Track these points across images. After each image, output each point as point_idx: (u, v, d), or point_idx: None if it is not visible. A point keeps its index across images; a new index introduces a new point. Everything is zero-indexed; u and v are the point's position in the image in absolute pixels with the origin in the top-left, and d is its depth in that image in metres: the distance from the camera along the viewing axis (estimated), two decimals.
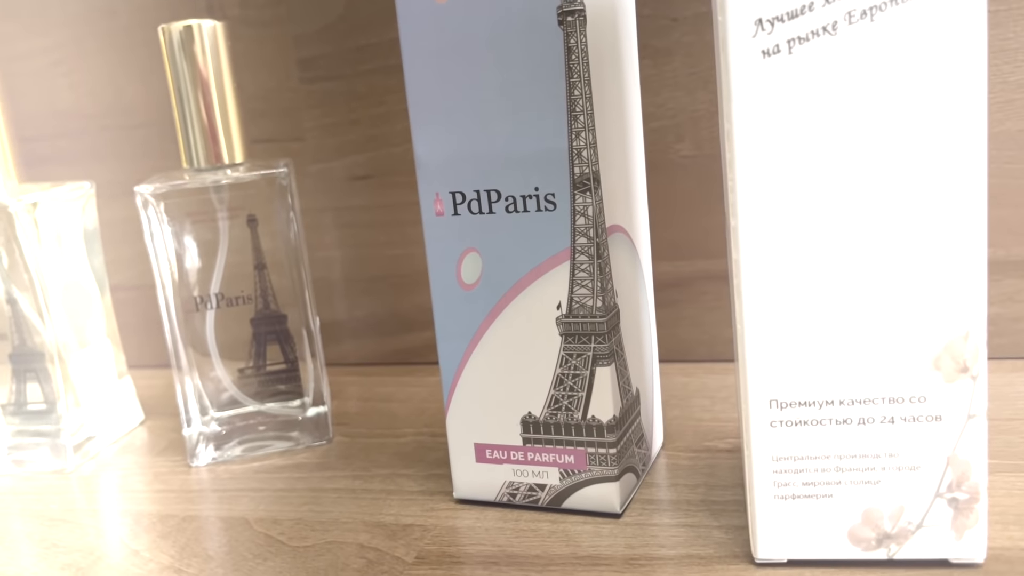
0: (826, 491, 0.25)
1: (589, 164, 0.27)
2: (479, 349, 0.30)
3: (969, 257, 0.23)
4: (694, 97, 0.41)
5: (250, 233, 0.37)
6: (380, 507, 0.32)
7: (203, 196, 0.37)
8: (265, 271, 0.37)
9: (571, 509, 0.30)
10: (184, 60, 0.36)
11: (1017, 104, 0.38)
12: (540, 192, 0.28)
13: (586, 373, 0.29)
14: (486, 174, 0.29)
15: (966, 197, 0.23)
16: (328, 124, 0.47)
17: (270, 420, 0.39)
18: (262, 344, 0.38)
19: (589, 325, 0.29)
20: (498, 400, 0.30)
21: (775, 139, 0.23)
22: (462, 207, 0.29)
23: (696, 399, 0.39)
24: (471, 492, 0.31)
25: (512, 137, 0.28)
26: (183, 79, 0.36)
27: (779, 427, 0.25)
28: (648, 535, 0.28)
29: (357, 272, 0.48)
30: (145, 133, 0.49)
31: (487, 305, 0.30)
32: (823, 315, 0.24)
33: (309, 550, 0.30)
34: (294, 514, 0.32)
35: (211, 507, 0.34)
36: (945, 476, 0.24)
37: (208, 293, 0.37)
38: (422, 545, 0.29)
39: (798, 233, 0.23)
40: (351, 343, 0.49)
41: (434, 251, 0.30)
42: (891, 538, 0.25)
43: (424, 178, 0.30)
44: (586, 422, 0.29)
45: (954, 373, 0.24)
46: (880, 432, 0.24)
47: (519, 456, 0.30)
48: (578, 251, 0.28)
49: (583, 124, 0.27)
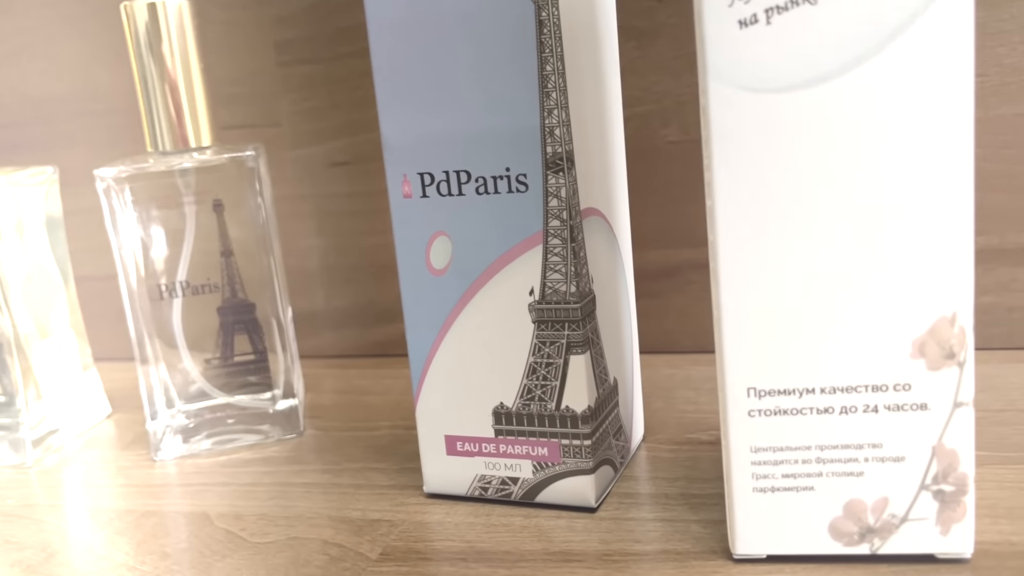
0: (807, 483, 0.24)
1: (562, 143, 0.26)
2: (449, 337, 0.29)
3: (954, 233, 0.22)
4: (680, 81, 0.40)
5: (216, 218, 0.36)
6: (348, 502, 0.31)
7: (168, 180, 0.36)
8: (232, 258, 0.36)
9: (545, 503, 0.29)
10: (148, 38, 0.34)
11: (1012, 87, 0.37)
12: (511, 173, 0.27)
13: (560, 362, 0.28)
14: (455, 154, 0.27)
15: (951, 167, 0.21)
16: (306, 109, 0.46)
17: (239, 413, 0.37)
18: (229, 334, 0.37)
19: (562, 311, 0.27)
20: (469, 390, 0.29)
21: (753, 114, 0.22)
22: (431, 189, 0.28)
23: (681, 391, 0.38)
24: (442, 486, 0.30)
25: (482, 115, 0.27)
26: (147, 58, 0.35)
27: (757, 416, 0.24)
28: (624, 530, 0.27)
29: (336, 261, 0.47)
30: (117, 119, 0.48)
31: (457, 291, 0.28)
32: (803, 298, 0.23)
33: (270, 546, 0.28)
34: (258, 509, 0.31)
35: (173, 502, 0.32)
36: (931, 467, 0.23)
37: (174, 281, 0.36)
38: (388, 541, 0.28)
39: (778, 213, 0.22)
40: (330, 334, 0.48)
41: (402, 235, 0.29)
42: (874, 532, 0.24)
43: (391, 159, 0.28)
44: (560, 413, 0.28)
45: (940, 359, 0.22)
46: (863, 421, 0.23)
47: (491, 449, 0.29)
48: (551, 234, 0.27)
49: (556, 101, 0.26)
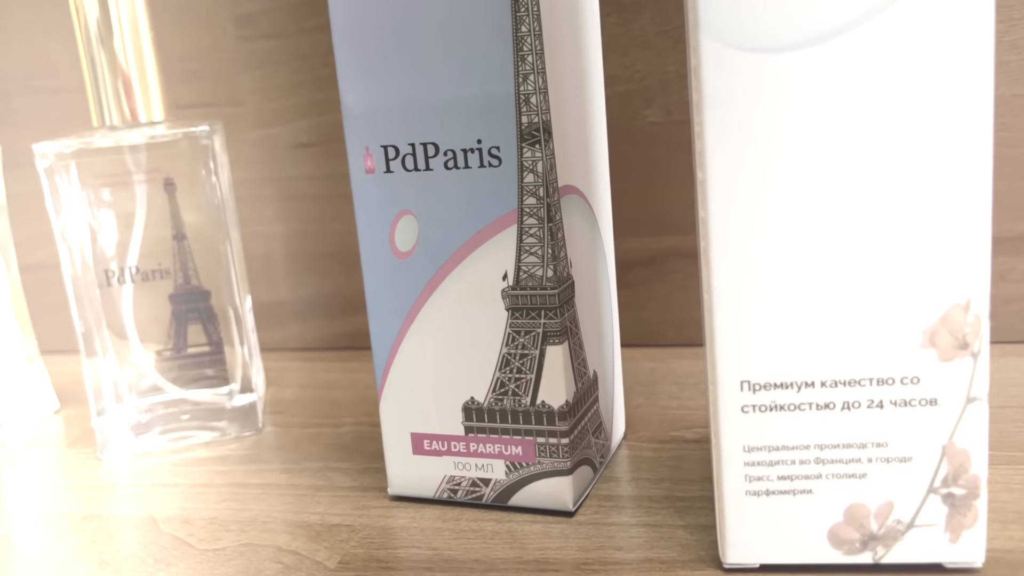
0: (804, 486, 0.22)
1: (539, 112, 0.24)
2: (415, 326, 0.26)
3: (970, 212, 0.20)
4: (664, 58, 0.38)
5: (168, 199, 0.33)
6: (306, 504, 0.29)
7: (117, 157, 0.33)
8: (186, 242, 0.34)
9: (519, 507, 0.27)
10: (93, 4, 0.32)
11: (1012, 67, 0.35)
12: (483, 145, 0.25)
13: (535, 353, 0.25)
14: (422, 125, 0.25)
15: (968, 136, 0.19)
16: (269, 87, 0.43)
17: (194, 408, 0.35)
18: (182, 324, 0.34)
19: (539, 298, 0.25)
20: (437, 384, 0.27)
21: (749, 75, 0.20)
22: (395, 163, 0.26)
23: (663, 385, 0.36)
24: (407, 488, 0.28)
25: (451, 82, 0.24)
26: (92, 23, 0.32)
27: (752, 412, 0.21)
28: (604, 536, 0.25)
29: (301, 248, 0.45)
30: (70, 97, 0.45)
31: (424, 275, 0.26)
32: (803, 282, 0.21)
33: (219, 554, 0.26)
34: (209, 512, 0.29)
35: (118, 504, 0.30)
36: (940, 468, 0.21)
37: (124, 267, 0.34)
38: (348, 548, 0.26)
39: (776, 186, 0.20)
40: (295, 326, 0.46)
41: (364, 214, 0.27)
42: (878, 540, 0.22)
43: (352, 130, 0.26)
44: (535, 408, 0.26)
45: (952, 350, 0.21)
46: (867, 418, 0.21)
47: (461, 447, 0.27)
48: (526, 213, 0.25)
49: (532, 65, 0.24)
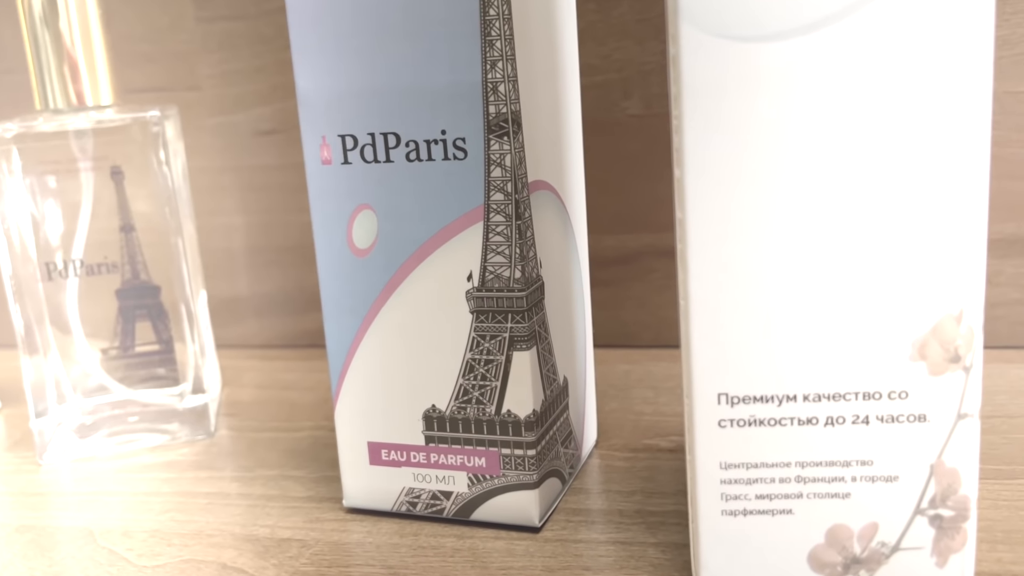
0: (784, 506, 0.20)
1: (507, 102, 0.22)
2: (374, 328, 0.25)
3: (966, 216, 0.18)
4: (644, 48, 0.36)
5: (115, 188, 0.31)
6: (256, 516, 0.27)
7: (61, 143, 0.31)
8: (134, 234, 0.32)
9: (482, 522, 0.25)
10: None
11: (1004, 63, 0.34)
12: (448, 137, 0.23)
13: (501, 359, 0.24)
14: (383, 114, 0.23)
15: (965, 137, 0.18)
16: (229, 71, 0.41)
17: (142, 410, 0.33)
18: (130, 320, 0.32)
19: (505, 300, 0.24)
20: (396, 391, 0.25)
21: (733, 66, 0.18)
22: (353, 154, 0.24)
23: (638, 389, 0.35)
24: (364, 500, 0.26)
25: (415, 68, 0.23)
26: (36, 2, 0.30)
27: (729, 427, 0.20)
28: (571, 554, 0.23)
29: (262, 242, 0.43)
30: (18, 79, 0.43)
31: (383, 275, 0.24)
32: (787, 289, 0.19)
33: (158, 570, 0.24)
34: (151, 524, 0.27)
35: (54, 514, 0.28)
36: (928, 488, 0.20)
37: (68, 259, 0.32)
38: (297, 565, 0.24)
39: (759, 185, 0.19)
40: (254, 323, 0.44)
41: (320, 209, 0.25)
42: (861, 563, 0.20)
43: (308, 118, 0.24)
44: (500, 418, 0.24)
45: (943, 363, 0.19)
46: (852, 435, 0.20)
47: (421, 458, 0.25)
48: (493, 210, 0.23)
49: (500, 52, 0.22)
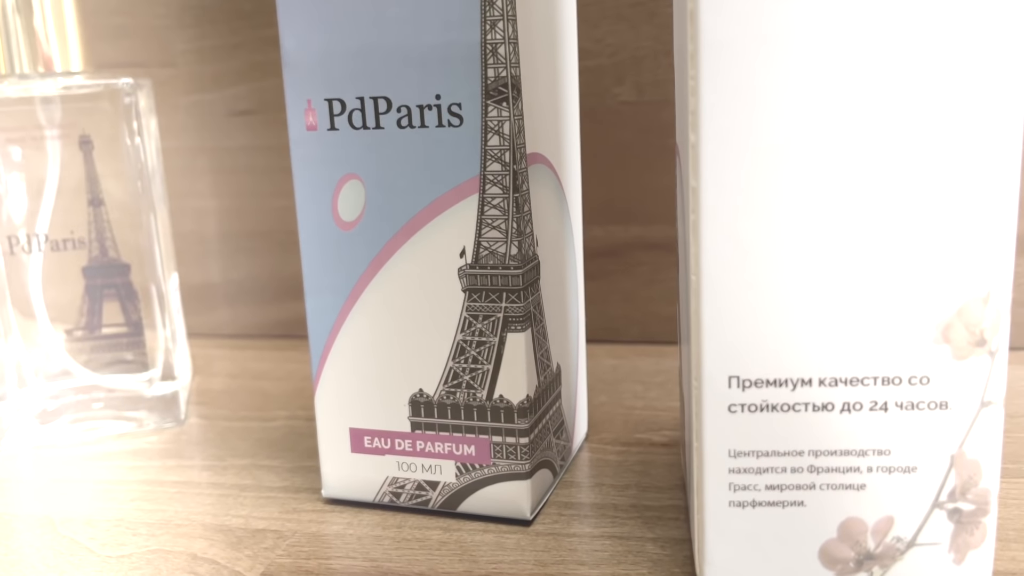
0: (796, 497, 0.19)
1: (507, 65, 0.21)
2: (359, 307, 0.23)
3: (996, 196, 0.17)
4: (638, 32, 0.35)
5: (84, 158, 0.30)
6: (228, 506, 0.25)
7: (27, 109, 0.29)
8: (103, 208, 0.30)
9: (470, 514, 0.24)
10: None
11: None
12: (442, 102, 0.22)
13: (494, 340, 0.23)
14: (373, 76, 0.22)
15: (998, 112, 0.17)
16: (205, 47, 0.39)
17: (108, 396, 0.31)
18: (97, 300, 0.30)
19: (500, 278, 0.22)
20: (381, 374, 0.24)
21: (755, 20, 0.17)
22: (341, 119, 0.23)
23: (627, 384, 0.33)
24: (344, 490, 0.25)
25: (408, 27, 0.21)
26: None
27: (740, 412, 0.19)
28: (564, 548, 0.22)
29: (236, 226, 0.41)
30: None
31: (371, 249, 0.23)
32: (805, 266, 0.18)
33: (123, 561, 0.22)
34: (116, 513, 0.25)
35: (13, 503, 0.26)
36: (947, 481, 0.19)
37: (32, 234, 0.30)
38: (273, 557, 0.22)
39: (778, 152, 0.18)
40: (226, 310, 0.42)
41: (304, 178, 0.23)
42: (874, 559, 0.19)
43: (292, 81, 0.23)
44: (492, 403, 0.23)
45: (967, 346, 0.18)
46: (869, 422, 0.19)
47: (406, 445, 0.24)
48: (489, 181, 0.22)
49: (501, 11, 0.21)
